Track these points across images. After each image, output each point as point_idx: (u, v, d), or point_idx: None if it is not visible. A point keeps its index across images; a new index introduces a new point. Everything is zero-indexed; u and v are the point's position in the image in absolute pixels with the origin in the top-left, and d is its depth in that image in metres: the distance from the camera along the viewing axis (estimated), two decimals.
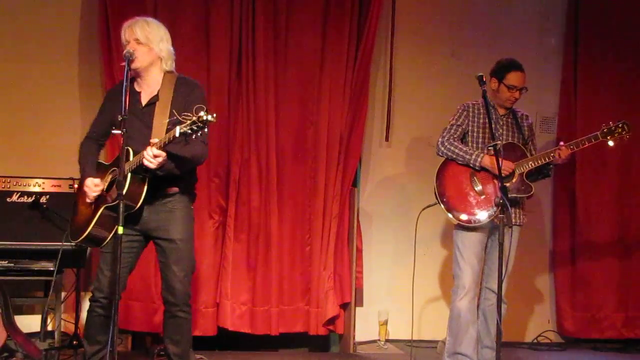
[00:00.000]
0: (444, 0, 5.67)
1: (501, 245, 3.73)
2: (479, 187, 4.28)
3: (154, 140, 3.41)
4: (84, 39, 5.08)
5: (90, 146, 3.77)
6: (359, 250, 5.25)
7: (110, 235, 3.57)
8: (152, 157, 3.37)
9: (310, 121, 5.16)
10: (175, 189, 3.64)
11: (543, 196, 5.64)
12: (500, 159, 3.84)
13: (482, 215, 4.23)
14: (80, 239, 3.61)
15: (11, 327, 4.09)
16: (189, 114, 3.26)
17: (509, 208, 3.78)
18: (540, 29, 5.74)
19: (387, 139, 5.51)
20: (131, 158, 3.47)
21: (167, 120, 3.53)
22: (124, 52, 3.50)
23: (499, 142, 3.98)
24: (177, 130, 3.27)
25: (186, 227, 3.71)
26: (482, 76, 4.00)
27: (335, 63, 5.14)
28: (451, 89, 5.45)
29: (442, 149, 4.37)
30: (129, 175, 3.46)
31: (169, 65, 3.69)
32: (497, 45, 5.54)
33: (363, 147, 5.33)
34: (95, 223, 3.56)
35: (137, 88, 3.67)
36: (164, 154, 3.38)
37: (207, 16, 5.00)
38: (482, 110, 4.40)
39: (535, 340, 5.60)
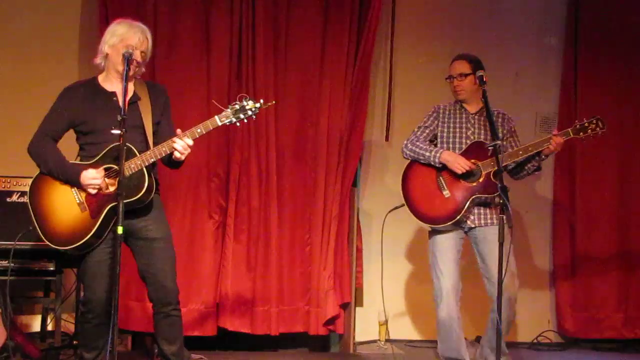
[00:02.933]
0: (444, 0, 5.66)
1: (501, 245, 3.72)
2: (444, 188, 4.24)
3: (179, 130, 3.50)
4: (84, 38, 5.09)
5: (52, 143, 3.61)
6: (359, 250, 5.25)
7: (101, 240, 3.54)
8: (186, 147, 3.48)
9: (310, 121, 5.16)
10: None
11: (543, 196, 5.64)
12: (500, 159, 3.82)
13: (447, 217, 4.18)
14: (82, 242, 3.51)
15: (11, 327, 4.09)
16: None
17: (509, 208, 3.76)
18: (540, 29, 5.73)
19: (387, 139, 5.51)
20: (137, 154, 3.48)
21: (153, 121, 3.62)
22: (124, 51, 3.48)
23: (499, 141, 3.95)
24: (218, 120, 3.49)
25: (167, 225, 3.74)
26: (482, 76, 3.99)
27: (335, 63, 5.14)
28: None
29: (406, 150, 4.35)
30: (145, 170, 3.48)
31: (140, 73, 3.73)
32: (497, 45, 5.53)
33: (363, 147, 5.33)
34: (102, 221, 3.51)
35: (109, 88, 3.64)
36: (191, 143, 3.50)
37: (207, 16, 5.00)
38: (452, 111, 4.37)
39: (535, 340, 5.59)
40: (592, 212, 5.60)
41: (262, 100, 3.56)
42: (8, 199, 4.43)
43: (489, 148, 4.17)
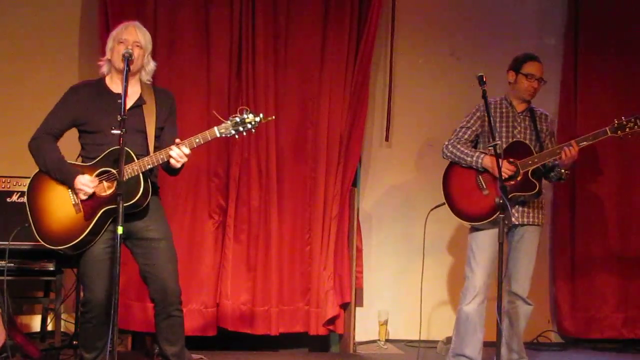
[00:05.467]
0: (444, 0, 5.67)
1: (501, 245, 3.72)
2: (483, 187, 4.26)
3: (178, 139, 3.53)
4: (84, 38, 5.09)
5: (52, 143, 3.64)
6: (359, 250, 5.25)
7: (97, 239, 3.55)
8: (184, 155, 3.49)
9: (310, 121, 5.16)
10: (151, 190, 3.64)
11: (543, 196, 5.63)
12: (500, 160, 3.83)
13: (485, 215, 4.19)
14: (74, 242, 3.52)
15: (11, 327, 4.09)
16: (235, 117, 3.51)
17: (509, 208, 3.77)
18: (540, 29, 5.74)
19: (387, 139, 5.51)
20: (135, 159, 3.48)
21: (156, 126, 3.64)
22: (124, 51, 3.50)
23: (499, 142, 3.97)
24: (217, 131, 3.51)
25: (167, 225, 3.76)
26: (482, 76, 4.00)
27: (335, 63, 5.14)
28: (451, 88, 5.45)
29: (446, 152, 4.37)
30: (141, 175, 3.49)
31: (148, 79, 3.75)
32: (497, 45, 5.53)
33: (363, 147, 5.33)
34: (95, 224, 3.52)
35: (114, 89, 3.66)
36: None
37: (207, 16, 5.00)
38: (499, 109, 4.38)
39: (535, 340, 5.59)
40: (592, 212, 5.59)
41: (261, 115, 3.59)
42: (8, 199, 4.43)
43: (528, 143, 4.27)
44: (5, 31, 5.02)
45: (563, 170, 4.30)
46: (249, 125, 3.56)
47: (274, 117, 3.82)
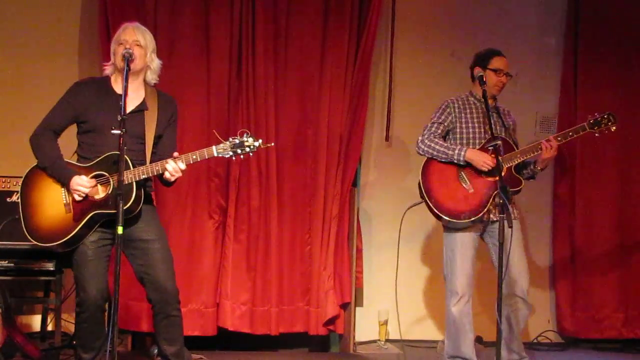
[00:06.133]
0: (444, 0, 5.67)
1: (501, 245, 3.72)
2: (467, 183, 4.21)
3: (176, 154, 3.54)
4: (84, 38, 5.10)
5: (53, 139, 3.64)
6: (359, 250, 5.25)
7: (85, 238, 3.55)
8: (179, 170, 3.52)
9: (310, 121, 5.16)
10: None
11: (543, 196, 5.65)
12: (499, 158, 3.83)
13: (472, 212, 4.16)
14: (59, 242, 3.53)
15: (11, 327, 4.09)
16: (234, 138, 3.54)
17: (509, 208, 3.76)
18: (540, 29, 5.74)
19: (387, 139, 5.51)
20: (131, 167, 3.48)
21: (156, 133, 3.65)
22: (124, 51, 3.52)
23: (499, 141, 3.96)
24: (215, 151, 3.54)
25: (161, 227, 3.76)
26: (482, 76, 4.01)
27: (335, 63, 5.14)
28: (451, 89, 5.40)
29: (423, 147, 4.31)
30: (134, 183, 3.48)
31: (154, 79, 3.75)
32: (497, 45, 5.48)
33: (363, 147, 5.32)
34: (83, 226, 3.52)
35: (117, 90, 3.64)
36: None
37: (207, 16, 5.00)
38: (468, 105, 4.35)
39: (535, 340, 5.60)
40: (592, 212, 5.60)
41: (260, 140, 3.62)
42: (8, 199, 4.44)
43: (508, 139, 4.24)
44: (5, 32, 5.02)
45: (539, 168, 4.28)
46: (248, 149, 3.58)
47: (273, 143, 3.85)
